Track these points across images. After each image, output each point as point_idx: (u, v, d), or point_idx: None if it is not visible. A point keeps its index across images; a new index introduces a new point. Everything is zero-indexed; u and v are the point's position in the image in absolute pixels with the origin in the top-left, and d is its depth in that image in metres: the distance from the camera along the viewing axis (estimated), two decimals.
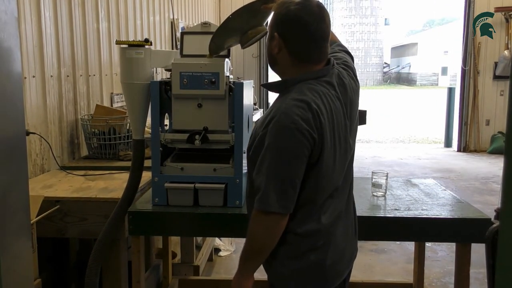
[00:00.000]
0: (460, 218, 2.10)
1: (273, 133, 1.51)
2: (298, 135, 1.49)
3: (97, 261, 2.13)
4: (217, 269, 3.72)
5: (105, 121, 2.95)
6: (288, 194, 1.52)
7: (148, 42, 2.13)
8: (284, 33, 1.59)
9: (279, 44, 1.60)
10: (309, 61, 1.61)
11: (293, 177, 1.52)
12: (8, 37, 1.07)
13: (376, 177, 2.36)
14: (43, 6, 2.72)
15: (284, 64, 1.63)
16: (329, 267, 1.63)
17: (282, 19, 1.59)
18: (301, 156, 1.52)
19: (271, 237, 1.57)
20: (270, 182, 1.51)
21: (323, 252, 1.62)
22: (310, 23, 1.56)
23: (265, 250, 1.60)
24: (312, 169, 1.55)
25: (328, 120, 1.55)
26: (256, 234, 1.58)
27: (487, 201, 5.48)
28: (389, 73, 48.37)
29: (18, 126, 1.15)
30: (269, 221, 1.55)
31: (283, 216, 1.55)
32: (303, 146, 1.50)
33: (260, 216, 1.55)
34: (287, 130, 1.49)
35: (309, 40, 1.58)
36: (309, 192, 1.57)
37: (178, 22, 5.74)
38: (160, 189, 2.13)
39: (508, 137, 0.77)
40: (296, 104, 1.51)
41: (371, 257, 3.96)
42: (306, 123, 1.49)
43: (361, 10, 46.93)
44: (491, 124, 8.48)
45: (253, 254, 1.62)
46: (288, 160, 1.51)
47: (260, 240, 1.58)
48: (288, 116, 1.49)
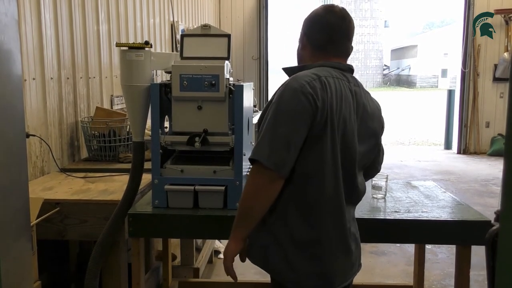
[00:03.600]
0: (460, 220, 2.10)
1: (279, 93, 1.60)
2: (301, 97, 1.54)
3: (97, 263, 2.13)
4: (217, 271, 3.72)
5: (105, 123, 2.95)
6: (281, 153, 1.52)
7: (148, 44, 2.13)
8: (306, 29, 1.77)
9: (303, 40, 1.77)
10: (325, 51, 1.72)
11: (289, 137, 1.53)
12: (8, 39, 1.07)
13: (376, 179, 2.35)
14: (43, 8, 2.72)
15: (306, 57, 1.77)
16: (330, 259, 1.63)
17: (308, 20, 1.77)
18: (300, 119, 1.54)
19: (261, 194, 1.56)
20: (265, 136, 1.54)
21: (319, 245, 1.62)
22: (328, 18, 1.72)
23: (255, 209, 1.58)
24: (316, 142, 1.56)
25: (336, 98, 1.59)
26: (246, 192, 1.58)
27: (487, 203, 5.48)
28: (389, 75, 48.38)
29: (18, 128, 1.15)
30: (261, 176, 1.54)
31: (275, 176, 1.53)
32: (304, 110, 1.54)
33: (254, 172, 1.56)
34: (292, 91, 1.56)
35: (323, 31, 1.72)
36: (313, 164, 1.57)
37: (178, 24, 5.75)
38: (160, 191, 2.13)
39: (508, 139, 0.77)
40: (308, 74, 1.61)
41: (371, 259, 3.96)
42: (312, 89, 1.55)
43: (361, 12, 46.96)
44: (491, 126, 8.49)
45: (242, 215, 1.61)
46: (286, 119, 1.54)
47: (249, 199, 1.58)
48: (296, 81, 1.58)
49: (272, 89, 2.33)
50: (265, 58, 8.73)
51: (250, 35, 8.59)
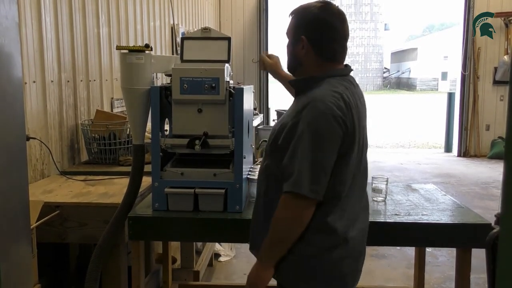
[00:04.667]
0: (460, 223, 2.09)
1: (309, 118, 1.54)
2: (332, 121, 1.53)
3: (97, 266, 2.13)
4: (217, 275, 3.71)
5: (105, 126, 2.95)
6: (320, 180, 1.53)
7: (148, 47, 2.13)
8: (311, 35, 1.65)
9: (306, 46, 1.66)
10: (334, 60, 1.68)
11: (326, 163, 1.54)
12: (9, 42, 1.07)
13: (376, 182, 2.35)
14: (43, 11, 2.73)
15: (309, 65, 1.69)
16: (347, 267, 1.65)
17: (307, 22, 1.66)
18: (334, 143, 1.54)
19: (297, 223, 1.55)
20: (303, 165, 1.51)
21: (342, 251, 1.62)
22: (335, 23, 1.64)
23: (289, 238, 1.57)
24: (341, 160, 1.57)
25: (356, 114, 1.60)
26: (283, 219, 1.56)
27: (487, 206, 5.47)
28: (389, 78, 48.41)
29: (18, 131, 1.15)
30: (298, 205, 1.54)
31: (312, 202, 1.54)
32: (336, 133, 1.54)
33: (289, 201, 1.54)
34: (323, 115, 1.52)
35: (334, 40, 1.65)
36: (334, 184, 1.58)
37: (178, 27, 5.75)
38: (160, 194, 2.13)
39: (508, 142, 0.77)
40: (330, 93, 1.56)
41: (371, 262, 3.95)
42: (340, 111, 1.54)
43: (361, 15, 47.03)
44: (491, 129, 8.49)
45: (277, 242, 1.59)
46: (322, 145, 1.53)
47: (287, 226, 1.56)
48: (323, 103, 1.54)
49: (272, 91, 2.30)
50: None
51: (250, 38, 8.60)
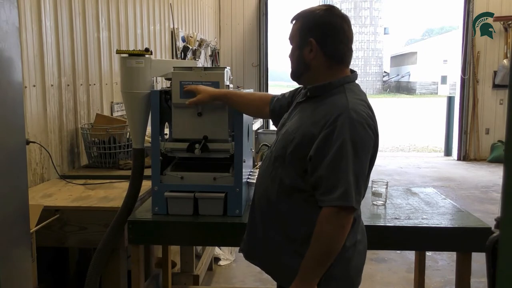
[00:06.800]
0: (460, 227, 2.09)
1: (346, 129, 1.51)
2: (368, 130, 1.54)
3: (97, 270, 2.12)
4: (217, 279, 3.71)
5: (105, 130, 2.96)
6: (361, 190, 1.54)
7: (148, 51, 2.13)
8: (319, 37, 1.61)
9: (315, 48, 1.62)
10: (343, 63, 1.67)
11: (364, 172, 1.55)
12: (9, 46, 1.08)
13: (376, 186, 2.35)
14: (44, 15, 2.73)
15: (318, 68, 1.65)
16: (361, 263, 1.71)
17: (315, 24, 1.62)
18: (369, 152, 1.56)
19: (343, 234, 1.53)
20: (349, 178, 1.50)
21: (360, 247, 1.68)
22: (342, 25, 1.62)
23: (334, 252, 1.54)
24: (368, 167, 1.60)
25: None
26: (328, 232, 1.52)
27: (487, 210, 5.47)
28: (388, 82, 48.48)
29: (18, 135, 1.15)
30: (345, 217, 1.52)
31: (354, 211, 1.55)
32: (371, 142, 1.56)
33: (336, 213, 1.51)
34: (360, 125, 1.53)
35: (342, 42, 1.64)
36: None
37: (178, 31, 5.76)
38: (160, 198, 2.13)
39: (508, 145, 0.77)
40: (358, 102, 1.57)
41: (372, 266, 3.94)
42: (371, 119, 1.57)
43: (360, 19, 47.14)
44: (491, 133, 8.49)
45: (323, 257, 1.54)
46: (361, 156, 1.54)
47: (333, 239, 1.52)
48: (357, 113, 1.54)
49: None
50: (265, 65, 8.74)
51: (250, 42, 8.61)
